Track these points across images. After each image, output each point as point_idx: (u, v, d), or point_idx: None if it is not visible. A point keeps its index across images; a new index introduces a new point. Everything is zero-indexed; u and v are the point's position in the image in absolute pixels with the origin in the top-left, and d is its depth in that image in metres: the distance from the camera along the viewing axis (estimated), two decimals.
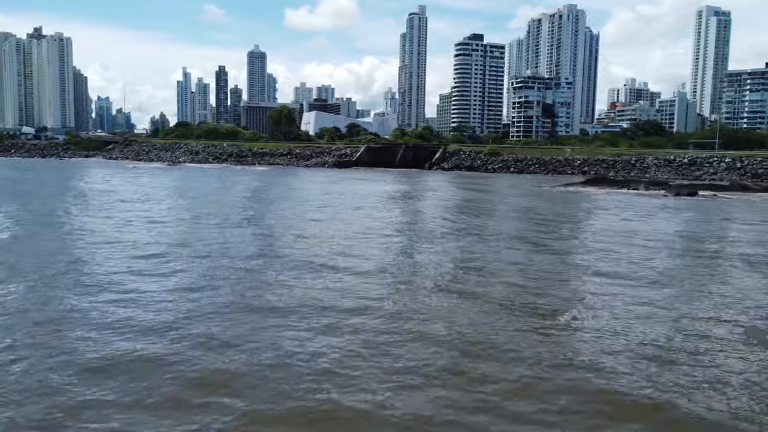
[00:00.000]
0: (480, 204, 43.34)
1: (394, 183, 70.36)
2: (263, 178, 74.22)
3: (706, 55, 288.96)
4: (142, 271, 18.27)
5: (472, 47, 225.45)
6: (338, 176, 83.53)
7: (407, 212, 38.59)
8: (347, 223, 30.21)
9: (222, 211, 35.36)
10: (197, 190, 49.56)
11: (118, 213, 33.42)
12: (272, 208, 39.14)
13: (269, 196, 47.61)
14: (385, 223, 31.31)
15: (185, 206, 38.77)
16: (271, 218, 33.22)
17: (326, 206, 38.80)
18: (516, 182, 78.71)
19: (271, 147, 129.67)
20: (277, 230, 28.10)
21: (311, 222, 31.03)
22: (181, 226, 29.12)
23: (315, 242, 24.53)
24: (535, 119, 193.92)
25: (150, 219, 30.86)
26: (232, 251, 21.91)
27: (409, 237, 27.47)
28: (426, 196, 50.68)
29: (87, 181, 61.99)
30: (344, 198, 44.93)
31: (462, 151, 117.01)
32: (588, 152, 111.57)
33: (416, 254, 22.84)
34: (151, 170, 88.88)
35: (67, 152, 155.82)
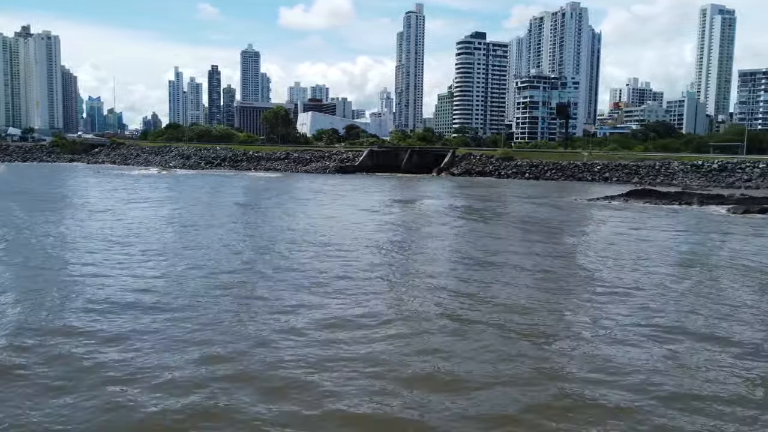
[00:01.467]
0: (521, 230, 35.70)
1: (406, 194, 62.91)
2: (259, 191, 66.71)
3: (711, 54, 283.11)
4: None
5: (474, 46, 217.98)
6: (342, 184, 76.00)
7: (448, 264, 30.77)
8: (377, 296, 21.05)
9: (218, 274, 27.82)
10: (183, 218, 40.55)
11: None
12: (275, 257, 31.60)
13: (267, 230, 40.00)
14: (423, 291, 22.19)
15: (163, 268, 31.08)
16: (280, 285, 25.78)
17: (338, 249, 29.22)
18: (539, 192, 71.42)
19: (267, 150, 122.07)
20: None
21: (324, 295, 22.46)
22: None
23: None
24: (541, 120, 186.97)
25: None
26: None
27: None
28: (452, 217, 43.14)
29: (42, 209, 54.00)
30: (359, 229, 36.59)
31: (472, 156, 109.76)
32: (607, 157, 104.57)
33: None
34: (135, 180, 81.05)
35: (51, 156, 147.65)
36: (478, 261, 24.46)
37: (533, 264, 23.51)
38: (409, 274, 22.01)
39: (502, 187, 78.10)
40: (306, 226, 34.08)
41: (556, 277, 21.31)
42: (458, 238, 32.08)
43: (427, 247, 28.80)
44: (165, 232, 30.76)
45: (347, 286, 19.25)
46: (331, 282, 19.73)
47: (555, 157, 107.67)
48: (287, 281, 19.73)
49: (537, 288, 19.51)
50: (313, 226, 33.78)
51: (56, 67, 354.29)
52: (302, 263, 22.95)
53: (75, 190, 59.59)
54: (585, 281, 20.76)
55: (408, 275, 21.70)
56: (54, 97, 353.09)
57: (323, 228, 33.14)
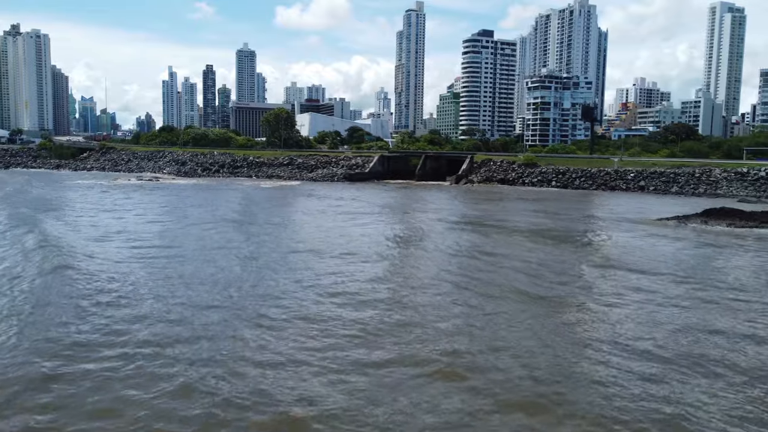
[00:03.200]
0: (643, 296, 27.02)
1: (450, 212, 54.35)
2: (263, 209, 58.12)
3: (720, 53, 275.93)
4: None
5: (481, 44, 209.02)
6: (359, 197, 67.37)
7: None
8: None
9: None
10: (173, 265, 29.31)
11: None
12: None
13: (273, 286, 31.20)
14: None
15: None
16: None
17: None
18: (584, 206, 63.12)
19: (269, 156, 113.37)
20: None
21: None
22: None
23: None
24: (552, 122, 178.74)
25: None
26: None
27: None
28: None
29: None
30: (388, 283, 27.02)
31: (492, 162, 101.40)
32: (640, 163, 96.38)
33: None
34: (123, 191, 72.22)
35: (37, 161, 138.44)
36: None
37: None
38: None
39: (539, 200, 69.65)
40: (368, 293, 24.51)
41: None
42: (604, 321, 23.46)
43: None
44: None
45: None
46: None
47: (582, 163, 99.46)
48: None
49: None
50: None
51: (46, 67, 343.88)
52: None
53: (37, 206, 50.77)
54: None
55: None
56: (44, 98, 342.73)
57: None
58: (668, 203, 67.22)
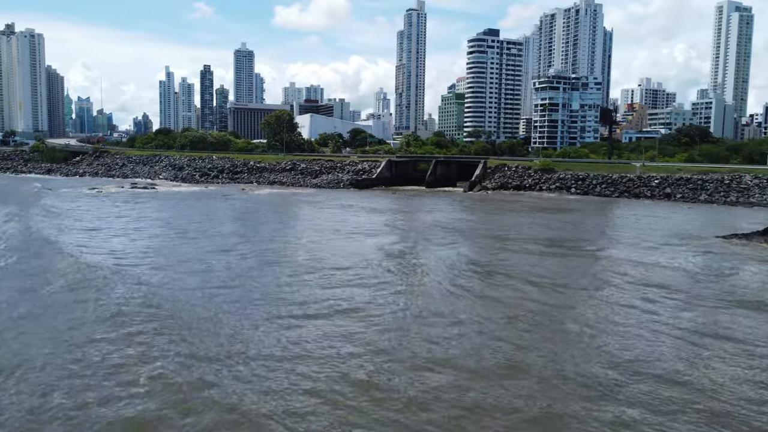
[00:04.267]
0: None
1: (484, 224, 48.96)
2: (270, 228, 52.70)
3: (727, 53, 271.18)
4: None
5: (487, 43, 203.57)
6: (369, 207, 62.02)
7: None
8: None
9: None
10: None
11: None
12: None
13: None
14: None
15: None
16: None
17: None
18: (619, 219, 57.84)
19: (270, 160, 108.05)
20: None
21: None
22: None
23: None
24: (561, 124, 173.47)
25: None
26: None
27: None
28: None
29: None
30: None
31: (506, 167, 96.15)
32: (664, 169, 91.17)
33: None
34: (113, 201, 66.78)
35: (28, 165, 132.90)
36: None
37: None
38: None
39: (566, 210, 64.35)
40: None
41: None
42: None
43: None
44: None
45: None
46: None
47: (602, 168, 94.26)
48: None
49: None
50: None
51: (40, 67, 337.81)
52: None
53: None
54: None
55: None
56: (38, 98, 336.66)
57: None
58: (706, 214, 62.10)
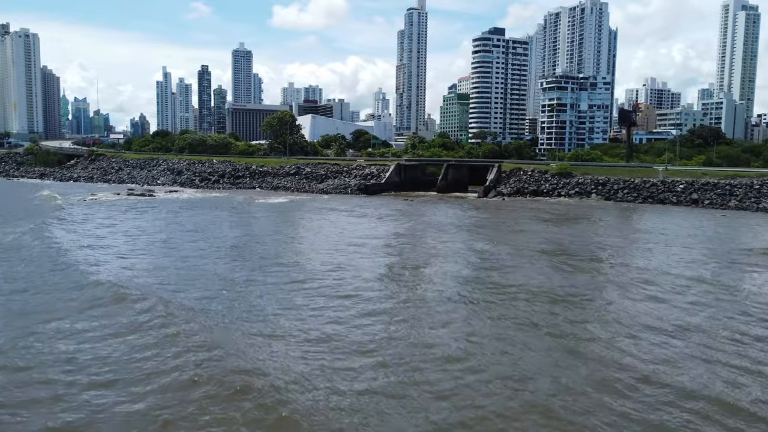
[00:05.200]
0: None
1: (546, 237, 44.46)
2: (282, 247, 48.05)
3: (734, 52, 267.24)
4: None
5: (492, 43, 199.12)
6: (385, 216, 57.51)
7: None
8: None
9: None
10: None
11: None
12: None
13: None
14: None
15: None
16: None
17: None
18: (662, 231, 53.35)
19: (273, 164, 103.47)
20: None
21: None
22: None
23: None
24: (569, 125, 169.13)
25: None
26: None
27: None
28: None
29: None
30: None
31: (522, 171, 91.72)
32: (689, 173, 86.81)
33: None
34: (107, 211, 62.13)
35: (21, 168, 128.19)
36: None
37: None
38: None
39: (594, 220, 59.91)
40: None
41: None
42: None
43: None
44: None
45: None
46: None
47: (622, 172, 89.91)
48: None
49: None
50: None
51: (35, 67, 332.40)
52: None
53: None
54: None
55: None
56: (33, 99, 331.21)
57: None
58: (745, 222, 57.73)
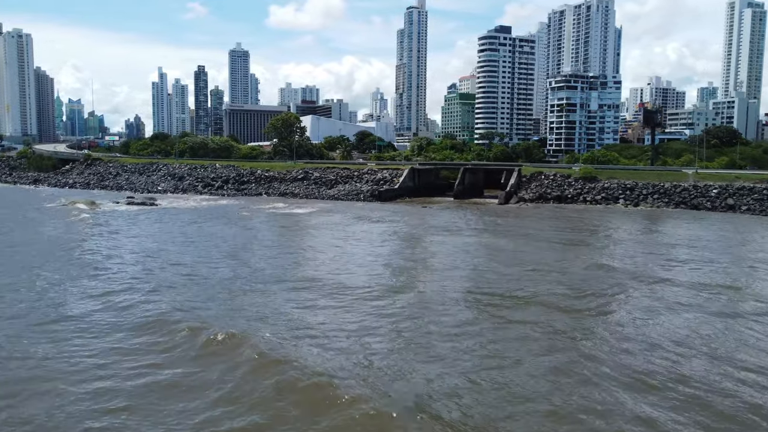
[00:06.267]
0: None
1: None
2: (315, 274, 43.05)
3: (740, 50, 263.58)
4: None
5: (499, 41, 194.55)
6: (412, 229, 52.76)
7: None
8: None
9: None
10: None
11: None
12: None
13: None
14: None
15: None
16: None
17: None
18: (735, 245, 48.67)
19: (279, 168, 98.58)
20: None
21: None
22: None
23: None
24: (578, 125, 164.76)
25: None
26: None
27: None
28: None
29: None
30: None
31: (543, 176, 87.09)
32: (720, 177, 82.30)
33: None
34: (105, 223, 57.15)
35: (13, 173, 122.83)
36: None
37: None
38: None
39: (648, 230, 55.24)
40: None
41: None
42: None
43: None
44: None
45: None
46: None
47: (649, 176, 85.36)
48: None
49: None
50: None
51: (29, 68, 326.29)
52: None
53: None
54: None
55: None
56: (27, 101, 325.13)
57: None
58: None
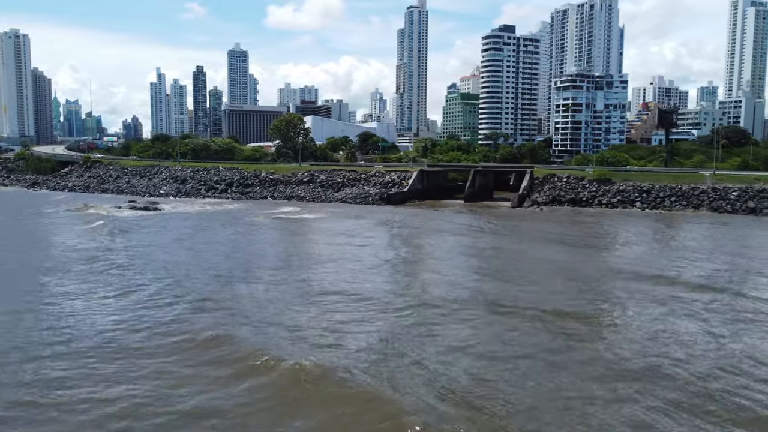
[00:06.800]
0: None
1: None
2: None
3: (743, 49, 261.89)
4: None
5: (503, 40, 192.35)
6: (438, 236, 50.49)
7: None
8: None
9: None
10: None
11: None
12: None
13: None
14: None
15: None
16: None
17: None
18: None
19: (284, 171, 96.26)
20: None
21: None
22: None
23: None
24: (584, 126, 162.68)
25: None
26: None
27: None
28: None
29: None
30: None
31: (556, 178, 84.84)
32: (739, 179, 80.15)
33: None
34: (107, 232, 54.78)
35: (11, 176, 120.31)
36: None
37: None
38: None
39: (693, 239, 53.09)
40: None
41: None
42: None
43: None
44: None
45: None
46: None
47: (665, 178, 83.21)
48: None
49: None
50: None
51: (26, 69, 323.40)
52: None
53: None
54: None
55: None
56: (24, 101, 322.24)
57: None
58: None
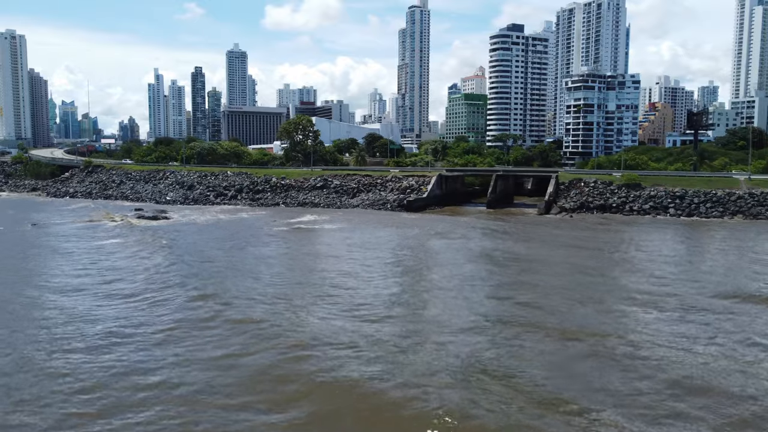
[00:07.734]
0: None
1: None
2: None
3: (751, 49, 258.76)
4: None
5: (512, 40, 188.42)
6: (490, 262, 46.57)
7: None
8: None
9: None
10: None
11: None
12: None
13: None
14: None
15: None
16: None
17: None
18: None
19: (295, 176, 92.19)
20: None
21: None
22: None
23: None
24: (596, 127, 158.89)
25: None
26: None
27: None
28: None
29: None
30: None
31: (583, 183, 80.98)
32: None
33: None
34: (115, 246, 50.87)
35: (9, 181, 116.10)
36: None
37: None
38: None
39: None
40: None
41: None
42: None
43: None
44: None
45: None
46: None
47: (697, 183, 79.47)
48: None
49: None
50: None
51: (23, 70, 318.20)
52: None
53: None
54: None
55: None
56: (21, 103, 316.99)
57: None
58: None
